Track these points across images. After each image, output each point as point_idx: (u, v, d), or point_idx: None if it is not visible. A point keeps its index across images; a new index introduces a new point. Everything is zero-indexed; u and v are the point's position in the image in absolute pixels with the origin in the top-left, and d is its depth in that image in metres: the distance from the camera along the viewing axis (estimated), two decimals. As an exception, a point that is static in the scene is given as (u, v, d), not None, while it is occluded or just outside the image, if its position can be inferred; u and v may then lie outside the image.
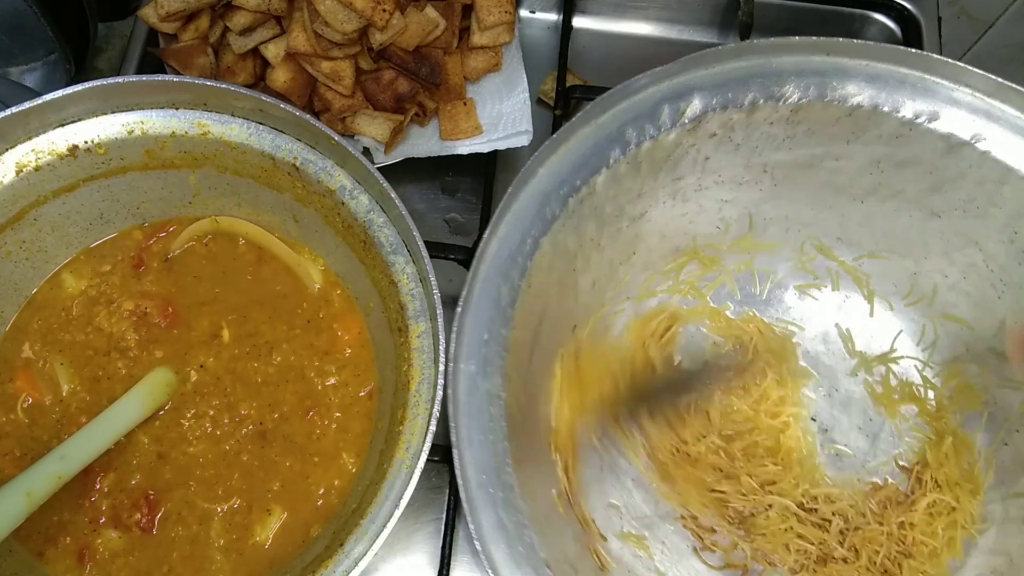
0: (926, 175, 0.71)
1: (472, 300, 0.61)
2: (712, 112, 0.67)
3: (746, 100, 0.67)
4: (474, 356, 0.60)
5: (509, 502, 0.58)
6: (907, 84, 0.67)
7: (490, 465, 0.58)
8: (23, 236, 0.69)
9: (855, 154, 0.71)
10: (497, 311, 0.62)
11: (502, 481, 0.58)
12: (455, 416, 0.59)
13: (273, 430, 0.68)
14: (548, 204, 0.64)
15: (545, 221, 0.64)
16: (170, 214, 0.75)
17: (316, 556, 0.60)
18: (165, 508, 0.66)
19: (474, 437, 0.58)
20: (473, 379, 0.60)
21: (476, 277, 0.62)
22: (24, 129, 0.65)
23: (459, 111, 0.84)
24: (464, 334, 0.61)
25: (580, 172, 0.65)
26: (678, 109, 0.66)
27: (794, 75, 0.67)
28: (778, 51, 0.67)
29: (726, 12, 0.97)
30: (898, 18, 0.97)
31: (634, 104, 0.67)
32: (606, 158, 0.66)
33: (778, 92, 0.67)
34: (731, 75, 0.67)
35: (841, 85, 0.67)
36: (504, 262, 0.63)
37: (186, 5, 0.78)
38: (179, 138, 0.68)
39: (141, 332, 0.71)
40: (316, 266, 0.74)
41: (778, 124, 0.69)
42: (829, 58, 0.67)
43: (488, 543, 0.56)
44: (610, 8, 0.98)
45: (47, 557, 0.64)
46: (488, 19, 0.84)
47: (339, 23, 0.76)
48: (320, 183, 0.68)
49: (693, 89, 0.67)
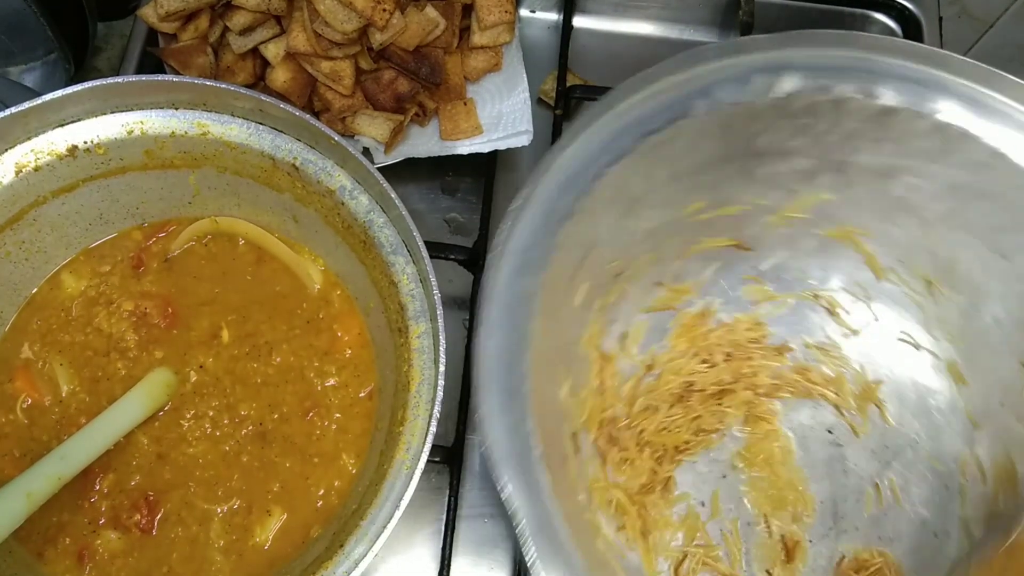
0: (1002, 211, 0.68)
1: (529, 203, 0.60)
2: (804, 94, 0.65)
3: (840, 90, 0.65)
4: (519, 252, 0.60)
5: (517, 392, 0.57)
6: (1003, 114, 0.65)
7: (509, 353, 0.58)
8: (22, 236, 0.69)
9: (936, 175, 0.69)
10: (549, 221, 0.61)
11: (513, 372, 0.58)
12: (486, 300, 0.58)
13: (273, 431, 0.68)
14: (623, 137, 0.63)
15: (617, 152, 0.63)
16: (170, 214, 0.75)
17: (316, 557, 0.60)
18: (165, 509, 0.66)
19: (500, 324, 0.58)
20: (513, 274, 0.59)
21: (537, 183, 0.61)
22: (23, 129, 0.65)
23: (459, 111, 0.84)
24: (514, 232, 0.60)
25: (662, 114, 0.64)
26: (770, 81, 0.65)
27: (894, 78, 0.65)
28: (881, 50, 0.66)
29: (727, 12, 0.97)
30: (899, 18, 0.96)
31: (725, 66, 0.65)
32: (689, 108, 0.64)
33: (874, 90, 0.65)
34: (831, 62, 0.65)
35: (938, 99, 0.65)
36: (567, 178, 0.61)
37: (185, 5, 0.78)
38: (179, 138, 0.68)
39: (141, 332, 0.71)
40: (316, 266, 0.74)
41: (866, 123, 0.67)
42: (929, 69, 0.65)
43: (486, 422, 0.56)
44: (611, 8, 0.98)
45: (47, 558, 0.64)
46: (488, 19, 0.84)
47: (339, 23, 0.76)
48: (320, 183, 0.68)
49: (790, 66, 0.65)
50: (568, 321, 0.68)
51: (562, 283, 0.64)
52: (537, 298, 0.60)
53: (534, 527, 0.54)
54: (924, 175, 0.70)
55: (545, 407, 0.61)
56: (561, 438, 0.66)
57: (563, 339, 0.67)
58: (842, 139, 0.69)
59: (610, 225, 0.67)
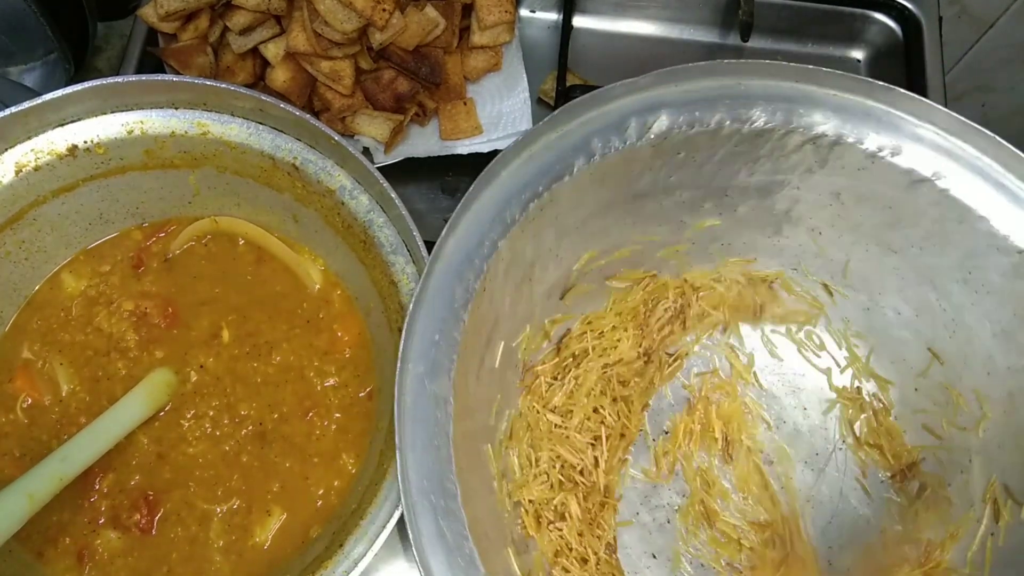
0: (885, 210, 0.70)
1: (425, 299, 0.60)
2: (678, 129, 0.66)
3: (712, 120, 0.66)
4: (424, 357, 0.58)
5: (450, 511, 0.56)
6: (872, 117, 0.67)
7: (433, 471, 0.56)
8: (22, 236, 0.69)
9: (816, 184, 0.71)
10: (450, 312, 0.60)
11: (444, 489, 0.56)
12: (400, 418, 0.57)
13: (273, 431, 0.68)
14: (508, 208, 0.63)
15: (504, 224, 0.63)
16: (170, 214, 0.75)
17: (316, 557, 0.60)
18: (164, 509, 0.66)
19: (418, 441, 0.57)
20: (421, 381, 0.58)
21: (431, 275, 0.60)
22: (23, 129, 0.65)
23: (459, 111, 0.84)
24: (415, 334, 0.59)
25: (543, 177, 0.64)
26: (645, 123, 0.66)
27: (762, 99, 0.67)
28: (749, 73, 0.67)
29: (726, 12, 0.97)
30: (899, 18, 0.96)
31: (602, 114, 0.66)
32: (570, 166, 0.64)
33: (745, 115, 0.67)
34: (700, 94, 0.67)
35: (808, 113, 0.67)
36: (460, 262, 0.61)
37: (185, 5, 0.78)
38: (179, 138, 0.68)
39: (141, 332, 0.71)
40: (316, 266, 0.74)
41: (742, 147, 0.68)
42: (798, 85, 0.67)
43: (427, 553, 0.55)
44: (610, 7, 0.98)
45: (47, 557, 0.64)
46: (488, 19, 0.84)
47: (339, 23, 0.76)
48: (320, 183, 0.68)
49: (662, 105, 0.66)
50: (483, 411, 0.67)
51: (472, 370, 0.63)
52: (451, 400, 0.59)
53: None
54: (804, 186, 0.71)
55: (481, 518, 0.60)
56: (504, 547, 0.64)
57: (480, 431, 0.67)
58: (720, 166, 0.70)
59: (511, 296, 0.67)
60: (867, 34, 0.98)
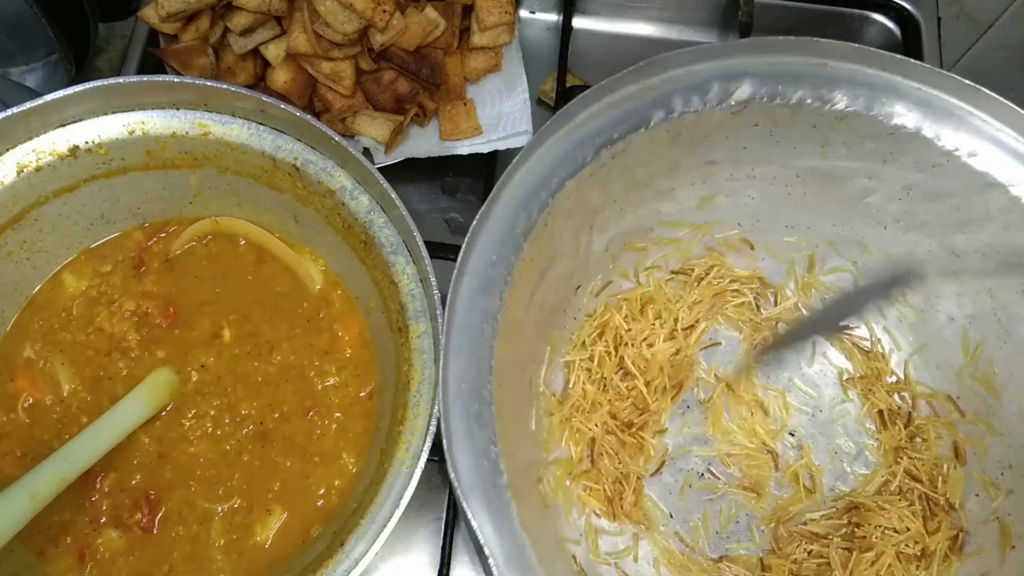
0: (953, 211, 0.70)
1: (488, 221, 0.61)
2: (759, 100, 0.66)
3: (795, 96, 0.66)
4: (479, 273, 0.60)
5: (483, 417, 0.57)
6: (954, 115, 0.66)
7: (473, 378, 0.58)
8: (24, 236, 0.69)
9: (889, 176, 0.70)
10: (510, 238, 0.61)
11: (481, 396, 0.58)
12: (448, 324, 0.58)
13: (274, 430, 0.69)
14: (581, 149, 0.63)
15: (575, 165, 0.63)
16: (171, 214, 0.75)
17: (316, 556, 0.60)
18: (166, 508, 0.66)
19: (463, 348, 0.58)
20: (474, 295, 0.59)
21: (496, 200, 0.61)
22: (25, 129, 0.65)
23: (459, 111, 0.84)
24: (474, 251, 0.60)
25: (619, 126, 0.64)
26: (727, 89, 0.65)
27: (847, 82, 0.66)
28: (836, 55, 0.67)
29: (726, 12, 0.97)
30: (897, 18, 0.97)
31: (685, 74, 0.66)
32: (647, 119, 0.65)
33: (827, 95, 0.66)
34: (785, 68, 0.66)
35: (890, 102, 0.66)
36: (527, 193, 0.62)
37: (186, 6, 0.78)
38: (180, 138, 0.68)
39: (142, 332, 0.71)
40: (316, 266, 0.74)
41: (820, 128, 0.68)
42: (883, 73, 0.67)
43: (455, 450, 0.56)
44: (610, 8, 0.99)
45: (48, 557, 0.64)
46: (488, 20, 0.84)
47: (339, 24, 0.76)
48: (320, 183, 0.68)
49: (745, 73, 0.66)
50: (531, 339, 0.68)
51: (523, 299, 0.64)
52: (500, 316, 0.60)
53: (504, 559, 0.55)
54: (876, 177, 0.71)
55: (511, 432, 0.61)
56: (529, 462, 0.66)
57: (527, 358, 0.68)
58: (795, 143, 0.70)
59: (570, 238, 0.68)
60: (866, 35, 0.98)
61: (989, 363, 0.72)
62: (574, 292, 0.73)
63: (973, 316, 0.73)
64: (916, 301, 0.76)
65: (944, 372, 0.75)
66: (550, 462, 0.70)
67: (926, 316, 0.76)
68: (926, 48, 0.94)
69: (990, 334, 0.72)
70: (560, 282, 0.70)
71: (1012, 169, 0.66)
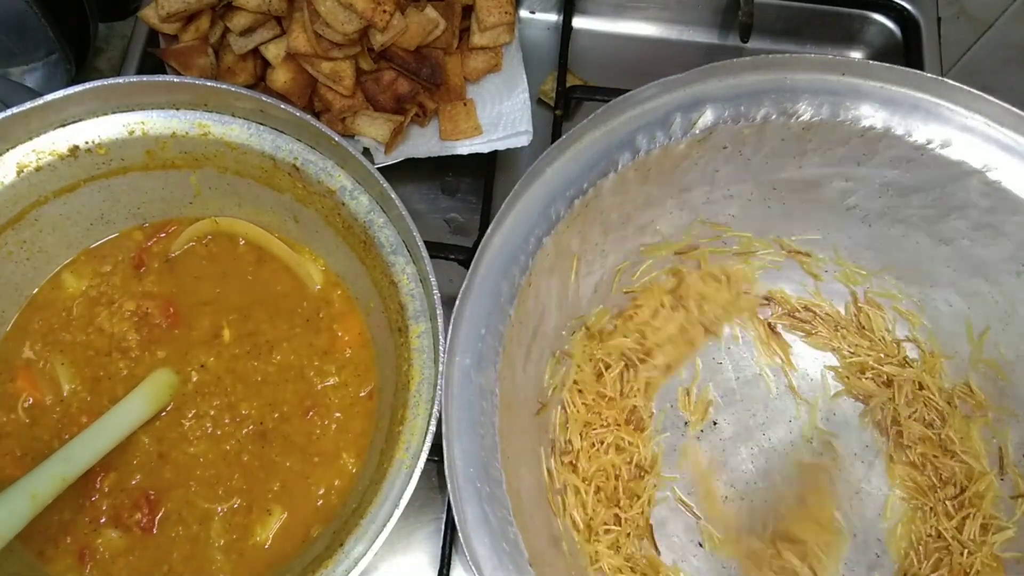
0: (935, 201, 0.70)
1: (471, 294, 0.61)
2: (723, 124, 0.66)
3: (758, 115, 0.67)
4: (470, 350, 0.60)
5: (495, 497, 0.58)
6: (920, 109, 0.67)
7: (478, 459, 0.58)
8: (24, 236, 0.69)
9: (865, 176, 0.71)
10: (496, 307, 0.61)
11: (490, 476, 0.58)
12: (447, 408, 0.59)
13: (273, 430, 0.69)
14: (553, 204, 0.64)
15: (549, 221, 0.64)
16: (171, 214, 0.75)
17: (316, 556, 0.60)
18: (165, 508, 0.66)
19: (464, 430, 0.58)
20: (468, 373, 0.60)
21: (477, 271, 0.62)
22: (25, 129, 0.65)
23: (459, 111, 0.84)
24: (461, 327, 0.60)
25: (588, 174, 0.65)
26: (690, 119, 0.66)
27: (808, 92, 0.67)
28: (793, 67, 0.67)
29: (726, 12, 0.97)
30: (897, 18, 0.97)
31: (646, 111, 0.66)
32: (614, 162, 0.65)
33: (791, 108, 0.67)
34: (745, 88, 0.67)
35: (855, 106, 0.67)
36: (506, 258, 0.62)
37: (186, 6, 0.78)
38: (180, 138, 0.68)
39: (142, 332, 0.71)
40: (316, 266, 0.74)
41: (789, 141, 0.69)
42: (844, 78, 0.67)
43: (472, 537, 0.56)
44: (610, 8, 0.99)
45: (48, 556, 0.64)
46: (488, 20, 0.84)
47: (339, 24, 0.76)
48: (320, 183, 0.68)
49: (706, 100, 0.66)
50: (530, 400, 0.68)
51: (519, 361, 0.65)
52: (497, 390, 0.60)
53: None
54: (853, 179, 0.71)
55: (524, 502, 0.61)
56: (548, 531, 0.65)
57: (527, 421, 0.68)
58: (767, 159, 0.70)
59: (557, 291, 0.68)
60: (866, 35, 0.98)
61: (995, 347, 0.72)
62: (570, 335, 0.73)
63: (970, 300, 0.73)
64: (913, 292, 0.76)
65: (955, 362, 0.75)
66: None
67: (925, 306, 0.76)
68: (926, 48, 0.94)
69: (992, 318, 0.72)
70: (554, 333, 0.70)
71: (987, 154, 0.67)
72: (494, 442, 0.59)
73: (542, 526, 0.65)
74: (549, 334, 0.69)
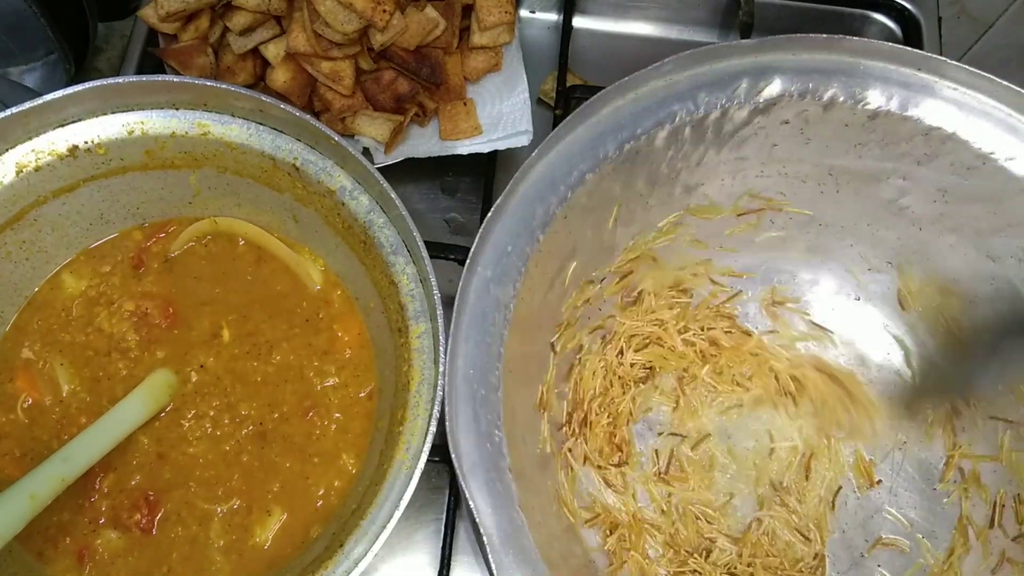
0: (990, 214, 0.68)
1: (504, 212, 0.61)
2: (789, 98, 0.65)
3: (826, 94, 0.65)
4: (492, 263, 0.60)
5: (489, 402, 0.58)
6: (992, 117, 0.65)
7: (481, 363, 0.58)
8: (23, 236, 0.69)
9: (924, 177, 0.69)
10: (526, 229, 0.61)
11: (488, 381, 0.58)
12: (458, 311, 0.58)
13: (273, 430, 0.68)
14: (603, 143, 0.63)
15: (596, 158, 0.63)
16: (170, 214, 0.75)
17: (316, 557, 0.60)
18: (165, 509, 0.66)
19: (472, 334, 0.58)
20: (487, 284, 0.59)
21: (514, 192, 0.61)
22: (24, 129, 0.65)
23: (459, 111, 0.84)
24: (488, 241, 0.60)
25: (643, 121, 0.64)
26: (757, 86, 0.65)
27: (880, 81, 0.65)
28: (870, 54, 0.66)
29: (727, 12, 0.97)
30: (898, 18, 0.96)
31: (714, 70, 0.65)
32: (672, 114, 0.64)
33: (860, 94, 0.65)
34: (816, 65, 0.65)
35: (925, 103, 0.66)
36: (545, 186, 0.62)
37: (186, 5, 0.78)
38: (179, 138, 0.68)
39: (142, 332, 0.71)
40: (316, 266, 0.74)
41: (853, 127, 0.67)
42: (919, 73, 0.66)
43: (459, 432, 0.56)
44: (610, 8, 0.98)
45: (47, 557, 0.64)
46: (488, 19, 0.84)
47: (339, 23, 0.76)
48: (320, 183, 0.68)
49: (776, 70, 0.65)
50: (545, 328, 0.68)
51: (540, 291, 0.64)
52: (512, 306, 0.60)
53: (500, 539, 0.55)
54: (911, 178, 0.70)
55: (517, 416, 0.61)
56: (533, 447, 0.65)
57: (538, 346, 0.67)
58: (827, 142, 0.69)
59: (592, 232, 0.67)
60: (867, 34, 0.98)
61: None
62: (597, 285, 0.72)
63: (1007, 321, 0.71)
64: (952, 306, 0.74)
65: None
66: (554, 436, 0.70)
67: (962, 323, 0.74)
68: (927, 48, 0.94)
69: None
70: (581, 276, 0.70)
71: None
72: (498, 352, 0.59)
73: (531, 446, 0.65)
74: (576, 271, 0.68)
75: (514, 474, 0.57)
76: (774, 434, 0.75)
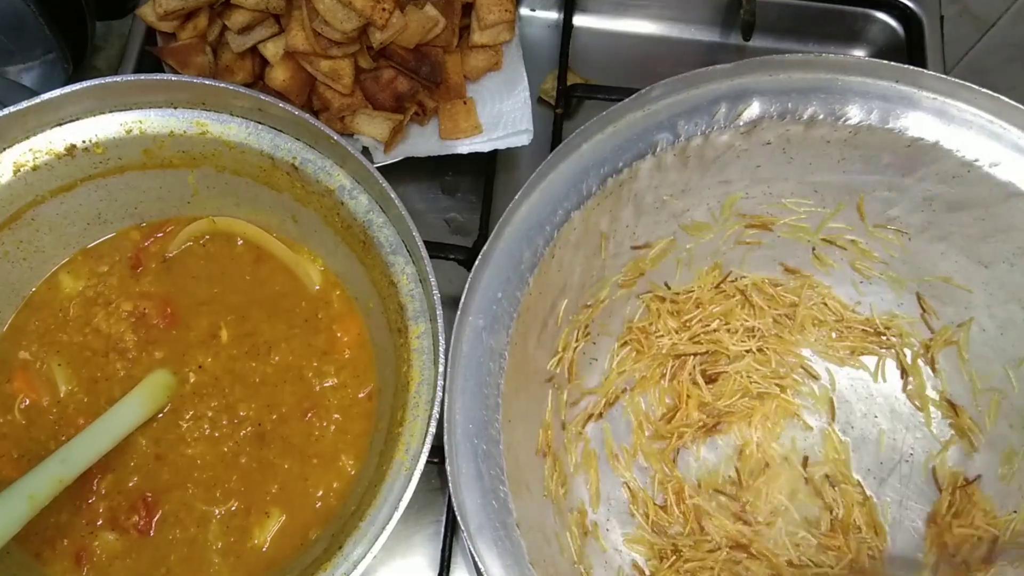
0: (978, 221, 0.68)
1: (492, 257, 0.61)
2: (769, 119, 0.65)
3: (806, 113, 0.65)
4: (484, 311, 0.60)
5: (491, 456, 0.57)
6: (974, 125, 0.65)
7: (479, 417, 0.58)
8: (20, 236, 0.69)
9: (909, 188, 0.69)
10: (515, 273, 0.61)
11: (488, 435, 0.58)
12: (453, 363, 0.58)
13: (272, 431, 0.68)
14: (586, 179, 0.63)
15: (580, 196, 0.63)
16: (168, 214, 0.74)
17: (315, 559, 0.59)
18: (163, 510, 0.66)
19: (468, 387, 0.58)
20: (479, 333, 0.59)
21: (500, 236, 0.61)
22: (22, 128, 0.65)
23: (459, 110, 0.84)
24: (478, 289, 0.60)
25: (624, 154, 0.64)
26: (736, 110, 0.65)
27: (859, 96, 0.66)
28: (846, 69, 0.66)
29: (728, 11, 0.97)
30: (900, 17, 0.96)
31: (691, 97, 0.65)
32: (654, 144, 0.64)
33: (840, 110, 0.66)
34: (794, 85, 0.66)
35: (905, 115, 0.66)
36: (531, 227, 0.62)
37: (184, 4, 0.78)
38: (177, 137, 0.68)
39: (140, 333, 0.71)
40: (315, 266, 0.74)
41: (835, 144, 0.67)
42: (896, 85, 0.66)
43: (462, 491, 0.56)
44: (611, 6, 0.98)
45: (45, 559, 0.64)
46: (488, 17, 0.84)
47: (338, 22, 0.75)
48: (319, 183, 0.68)
49: (753, 92, 0.65)
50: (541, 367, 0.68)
51: (534, 333, 0.64)
52: (507, 353, 0.60)
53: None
54: (896, 189, 0.70)
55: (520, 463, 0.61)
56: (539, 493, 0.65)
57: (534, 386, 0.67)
58: (811, 159, 0.69)
59: (581, 268, 0.67)
60: (868, 33, 0.98)
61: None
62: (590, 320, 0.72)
63: (1004, 327, 0.71)
64: (948, 314, 0.74)
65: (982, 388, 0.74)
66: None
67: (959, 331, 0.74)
68: (929, 46, 0.94)
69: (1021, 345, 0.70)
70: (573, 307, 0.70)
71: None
72: (497, 403, 0.59)
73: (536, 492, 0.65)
74: (568, 308, 0.68)
75: (522, 529, 0.57)
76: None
